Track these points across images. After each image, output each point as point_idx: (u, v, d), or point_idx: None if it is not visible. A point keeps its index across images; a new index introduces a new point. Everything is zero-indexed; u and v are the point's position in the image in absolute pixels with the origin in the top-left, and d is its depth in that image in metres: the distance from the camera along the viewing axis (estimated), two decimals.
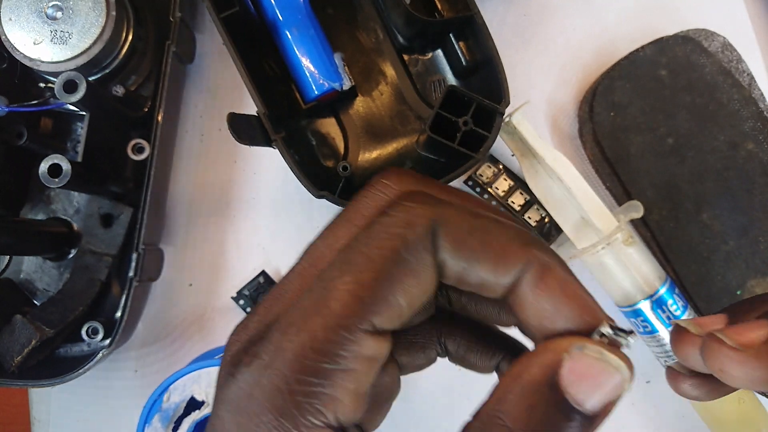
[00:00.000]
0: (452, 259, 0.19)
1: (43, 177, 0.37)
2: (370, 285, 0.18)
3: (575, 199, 0.40)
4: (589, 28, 0.48)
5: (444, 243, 0.19)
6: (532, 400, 0.17)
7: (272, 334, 0.19)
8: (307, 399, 0.17)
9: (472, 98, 0.39)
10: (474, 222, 0.19)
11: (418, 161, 0.44)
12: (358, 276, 0.18)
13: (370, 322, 0.18)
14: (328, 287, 0.19)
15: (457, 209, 0.19)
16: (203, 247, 0.47)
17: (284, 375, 0.18)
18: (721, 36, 0.45)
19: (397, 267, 0.18)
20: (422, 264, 0.19)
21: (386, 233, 0.19)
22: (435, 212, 0.19)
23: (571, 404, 0.17)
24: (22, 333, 0.38)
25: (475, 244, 0.19)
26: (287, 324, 0.19)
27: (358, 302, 0.18)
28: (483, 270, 0.19)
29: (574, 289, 0.19)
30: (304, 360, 0.18)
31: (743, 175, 0.44)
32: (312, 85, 0.42)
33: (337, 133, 0.45)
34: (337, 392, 0.18)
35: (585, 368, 0.17)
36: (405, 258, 0.18)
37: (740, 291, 0.43)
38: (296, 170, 0.38)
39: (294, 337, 0.18)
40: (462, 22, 0.41)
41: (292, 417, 0.17)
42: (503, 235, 0.19)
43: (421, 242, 0.19)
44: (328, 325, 0.18)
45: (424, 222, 0.19)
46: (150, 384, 0.46)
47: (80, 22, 0.40)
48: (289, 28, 0.41)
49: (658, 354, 0.43)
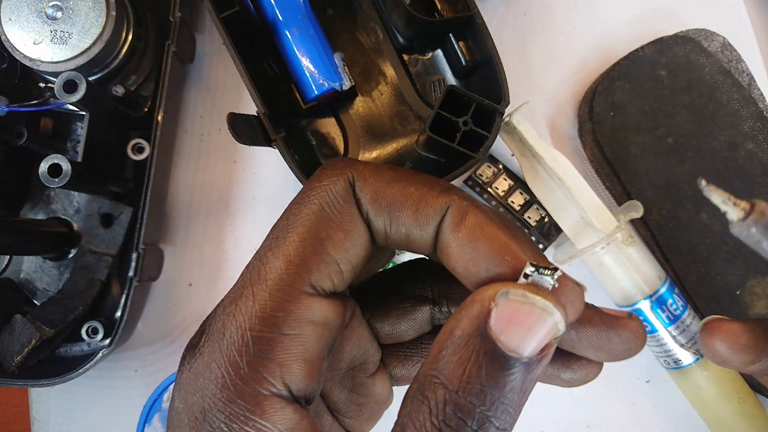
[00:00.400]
0: (374, 210, 0.19)
1: (43, 177, 0.37)
2: (299, 246, 0.18)
3: (575, 199, 0.40)
4: (588, 28, 0.48)
5: (363, 195, 0.19)
6: (466, 353, 0.16)
7: (216, 312, 0.19)
8: (253, 368, 0.17)
9: (471, 98, 0.39)
10: (392, 174, 0.20)
11: (417, 161, 0.44)
12: (286, 241, 0.19)
13: (308, 282, 0.18)
14: (260, 258, 0.19)
15: (376, 166, 0.20)
16: (203, 247, 0.47)
17: (228, 349, 0.17)
18: (721, 36, 0.45)
19: (324, 224, 0.19)
20: (347, 217, 0.19)
21: (308, 196, 0.19)
22: (353, 168, 0.19)
23: (506, 353, 0.16)
24: (22, 333, 0.38)
25: (394, 193, 0.19)
26: (228, 301, 0.19)
27: (290, 265, 0.18)
28: (406, 220, 0.19)
29: (493, 230, 0.18)
30: (245, 330, 0.18)
31: (743, 175, 0.44)
32: (312, 85, 0.42)
33: (337, 133, 0.45)
34: (283, 358, 0.17)
35: (512, 314, 0.16)
36: (329, 214, 0.19)
37: (740, 291, 0.43)
38: (296, 170, 0.38)
39: (234, 309, 0.18)
40: (462, 22, 0.41)
41: (239, 389, 0.17)
42: (421, 184, 0.19)
43: (341, 196, 0.19)
44: (263, 293, 0.18)
45: (342, 178, 0.19)
46: (150, 384, 0.46)
47: (80, 22, 0.40)
48: (289, 28, 0.41)
49: (658, 354, 0.43)
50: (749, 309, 0.43)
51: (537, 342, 0.16)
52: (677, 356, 0.41)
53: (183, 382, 0.18)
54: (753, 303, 0.43)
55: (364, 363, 0.23)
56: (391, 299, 0.23)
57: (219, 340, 0.18)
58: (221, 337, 0.18)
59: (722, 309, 0.43)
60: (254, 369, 0.17)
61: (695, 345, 0.41)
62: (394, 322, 0.23)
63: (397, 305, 0.23)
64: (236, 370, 0.17)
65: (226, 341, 0.18)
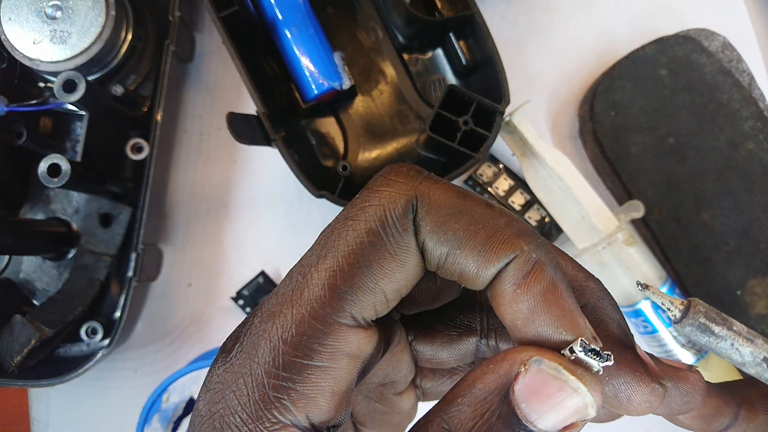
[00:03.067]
0: (432, 242, 0.17)
1: (42, 177, 0.37)
2: (347, 271, 0.17)
3: (576, 199, 0.40)
4: (589, 28, 0.48)
5: (424, 225, 0.17)
6: (481, 409, 0.16)
7: (254, 321, 0.18)
8: (277, 394, 0.16)
9: (472, 98, 0.39)
10: (459, 203, 0.17)
11: (418, 161, 0.44)
12: (333, 261, 0.17)
13: (348, 313, 0.17)
14: (304, 274, 0.17)
15: (442, 186, 0.18)
16: (203, 247, 0.47)
17: (258, 368, 0.17)
18: (721, 36, 0.45)
19: (376, 250, 0.17)
20: (403, 246, 0.17)
21: (365, 213, 0.17)
22: (416, 188, 0.17)
23: (523, 421, 0.15)
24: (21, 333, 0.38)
25: (459, 227, 0.17)
26: (266, 314, 0.17)
27: (333, 292, 0.17)
28: (465, 258, 0.17)
29: (558, 295, 0.17)
30: (278, 352, 0.17)
31: (743, 175, 0.43)
32: (312, 84, 0.42)
33: (337, 132, 0.45)
34: (310, 390, 0.16)
35: (539, 385, 0.16)
36: (384, 240, 0.17)
37: (740, 291, 0.43)
38: (296, 170, 0.38)
39: (270, 326, 0.17)
40: (462, 21, 0.41)
41: (259, 413, 0.16)
42: (491, 221, 0.17)
43: (401, 222, 0.17)
44: (302, 317, 0.17)
45: (404, 199, 0.17)
46: (149, 384, 0.45)
47: (80, 21, 0.40)
48: (288, 28, 0.41)
49: (659, 354, 0.42)
50: (749, 309, 0.43)
51: (557, 419, 0.16)
52: (678, 356, 0.41)
53: (211, 386, 0.17)
54: (753, 303, 0.43)
55: (395, 382, 0.22)
56: (439, 325, 0.22)
57: (251, 355, 0.17)
58: (254, 352, 0.17)
59: (723, 309, 0.43)
60: (279, 395, 0.16)
61: (695, 345, 0.41)
62: (438, 349, 0.22)
63: (443, 332, 0.22)
64: (261, 393, 0.16)
65: (258, 359, 0.17)
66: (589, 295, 0.19)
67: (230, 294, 0.47)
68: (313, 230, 0.47)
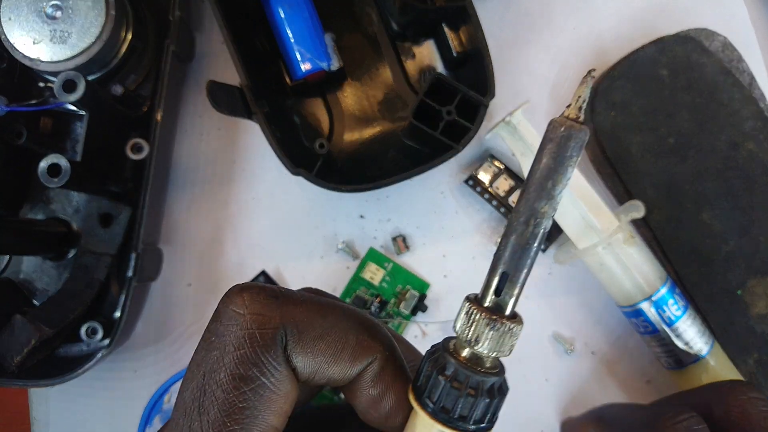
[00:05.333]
0: (302, 364, 0.19)
1: (42, 176, 0.37)
2: (229, 424, 0.17)
3: (576, 199, 0.40)
4: (589, 28, 0.48)
5: (296, 354, 0.19)
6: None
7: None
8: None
9: (457, 88, 0.39)
10: (321, 322, 0.19)
11: (401, 150, 0.44)
12: (212, 417, 0.17)
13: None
14: (198, 408, 0.18)
15: (303, 308, 0.19)
16: (202, 247, 0.47)
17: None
18: (722, 35, 0.45)
19: (256, 392, 0.18)
20: (280, 378, 0.18)
21: (232, 357, 0.18)
22: (282, 317, 0.19)
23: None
24: (21, 333, 0.38)
25: (326, 348, 0.19)
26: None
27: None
28: (332, 371, 0.19)
29: (399, 389, 0.20)
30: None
31: (744, 175, 0.44)
32: (300, 63, 0.42)
33: (323, 114, 0.45)
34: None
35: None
36: (262, 381, 0.18)
37: (740, 291, 0.43)
38: (274, 145, 0.38)
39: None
40: (454, 11, 0.41)
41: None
42: (350, 335, 0.19)
43: (275, 359, 0.18)
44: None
45: (273, 333, 0.18)
46: (149, 384, 0.46)
47: (80, 21, 0.40)
48: (282, 5, 0.41)
49: (659, 354, 0.42)
50: (749, 309, 0.43)
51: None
52: (678, 356, 0.41)
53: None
54: (753, 303, 0.43)
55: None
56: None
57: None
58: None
59: (723, 309, 0.43)
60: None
61: (696, 345, 0.41)
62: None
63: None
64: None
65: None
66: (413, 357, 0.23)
67: None
68: (313, 230, 0.47)
